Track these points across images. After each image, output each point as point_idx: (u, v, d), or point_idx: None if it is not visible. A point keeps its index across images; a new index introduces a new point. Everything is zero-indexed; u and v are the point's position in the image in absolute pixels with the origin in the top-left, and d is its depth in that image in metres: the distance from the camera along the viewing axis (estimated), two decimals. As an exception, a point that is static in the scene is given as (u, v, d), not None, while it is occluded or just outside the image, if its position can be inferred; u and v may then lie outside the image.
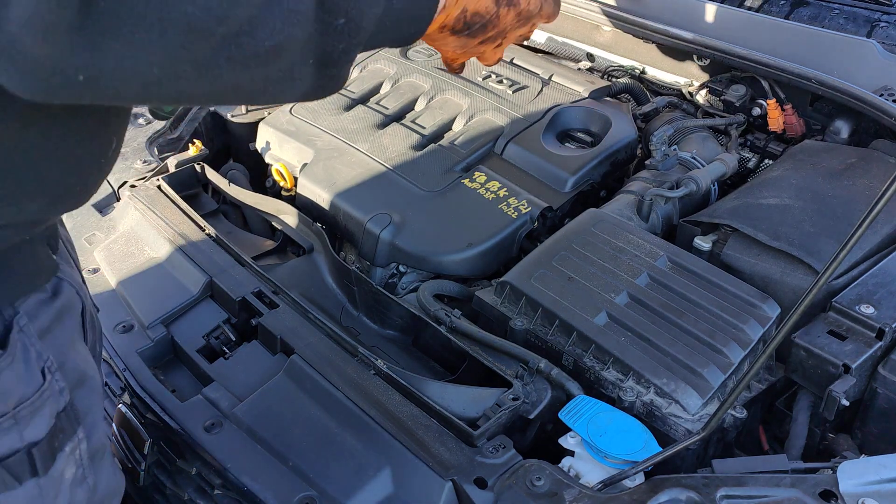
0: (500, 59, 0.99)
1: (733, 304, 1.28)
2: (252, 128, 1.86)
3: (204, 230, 1.47)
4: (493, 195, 1.57)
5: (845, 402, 1.12)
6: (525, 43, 2.24)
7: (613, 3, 1.99)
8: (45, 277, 0.80)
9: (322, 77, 0.66)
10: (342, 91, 1.87)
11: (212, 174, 1.71)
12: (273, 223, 1.65)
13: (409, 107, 1.83)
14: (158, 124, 1.81)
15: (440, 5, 0.81)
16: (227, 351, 1.27)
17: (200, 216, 1.51)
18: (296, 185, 1.68)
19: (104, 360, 1.25)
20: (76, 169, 0.74)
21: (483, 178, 1.61)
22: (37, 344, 0.78)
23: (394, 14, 0.71)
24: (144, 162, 1.70)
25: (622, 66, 2.04)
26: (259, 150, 1.81)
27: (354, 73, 1.96)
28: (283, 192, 1.73)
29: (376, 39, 0.72)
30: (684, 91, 1.95)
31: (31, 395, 0.77)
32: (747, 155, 1.83)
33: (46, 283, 0.80)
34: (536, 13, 0.94)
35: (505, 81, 1.88)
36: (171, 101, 0.61)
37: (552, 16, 0.98)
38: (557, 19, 2.13)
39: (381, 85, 1.91)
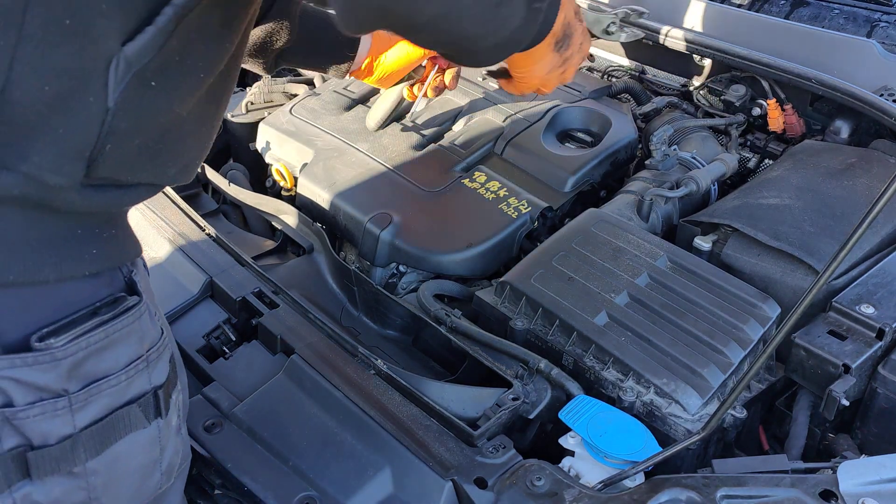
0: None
1: (733, 304, 1.28)
2: (252, 128, 1.86)
3: (204, 230, 1.47)
4: (493, 195, 1.57)
5: (845, 402, 1.12)
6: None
7: (614, 4, 1.99)
8: (140, 244, 0.88)
9: (529, 11, 0.82)
10: (342, 91, 1.87)
11: (212, 174, 1.71)
12: (273, 223, 1.65)
13: (409, 107, 1.83)
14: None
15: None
16: (227, 351, 1.27)
17: (200, 216, 1.51)
18: (296, 185, 1.68)
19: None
20: (206, 143, 0.87)
21: (483, 178, 1.61)
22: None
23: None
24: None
25: (622, 66, 2.04)
26: (259, 150, 1.81)
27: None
28: (283, 192, 1.73)
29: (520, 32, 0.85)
30: (684, 91, 1.95)
31: (158, 341, 0.86)
32: (747, 155, 1.83)
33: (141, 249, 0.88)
34: (585, 42, 1.08)
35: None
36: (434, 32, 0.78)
37: (586, 54, 1.12)
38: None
39: (381, 85, 1.91)
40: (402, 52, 1.46)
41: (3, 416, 0.74)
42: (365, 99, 1.87)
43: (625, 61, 2.04)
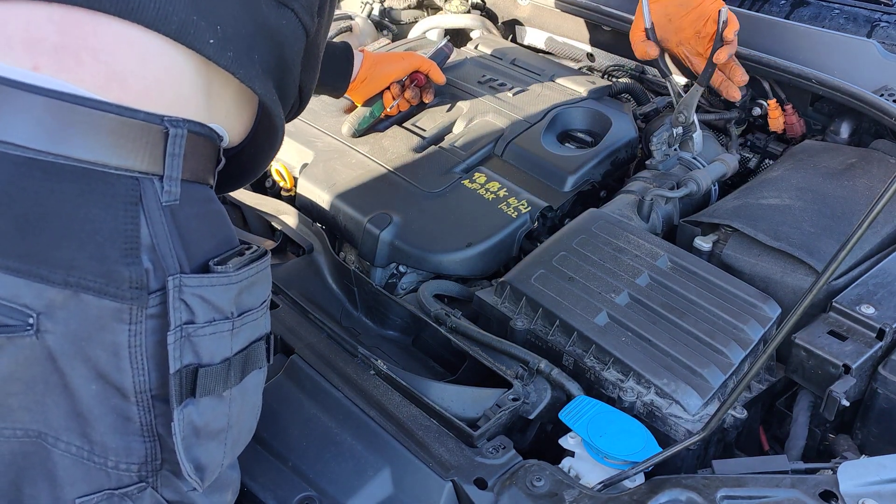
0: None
1: (734, 305, 1.28)
2: (252, 128, 1.85)
3: (204, 230, 1.47)
4: (492, 195, 1.57)
5: (845, 403, 1.12)
6: (525, 43, 2.25)
7: (613, 3, 1.99)
8: None
9: None
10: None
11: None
12: (273, 223, 1.65)
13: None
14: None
15: None
16: (226, 351, 1.27)
17: (200, 216, 1.51)
18: (295, 186, 1.68)
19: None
20: (313, 86, 1.11)
21: (483, 179, 1.61)
22: None
23: None
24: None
25: (622, 66, 2.04)
26: (259, 151, 1.81)
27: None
28: (283, 193, 1.73)
29: None
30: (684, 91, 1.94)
31: (267, 295, 0.93)
32: (747, 155, 1.83)
33: None
34: None
35: (505, 83, 1.88)
36: None
37: None
38: (557, 19, 2.15)
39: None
40: (386, 72, 1.71)
41: (185, 333, 0.81)
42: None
43: (625, 61, 2.04)
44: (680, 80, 1.98)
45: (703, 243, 1.44)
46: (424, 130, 1.75)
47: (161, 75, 0.80)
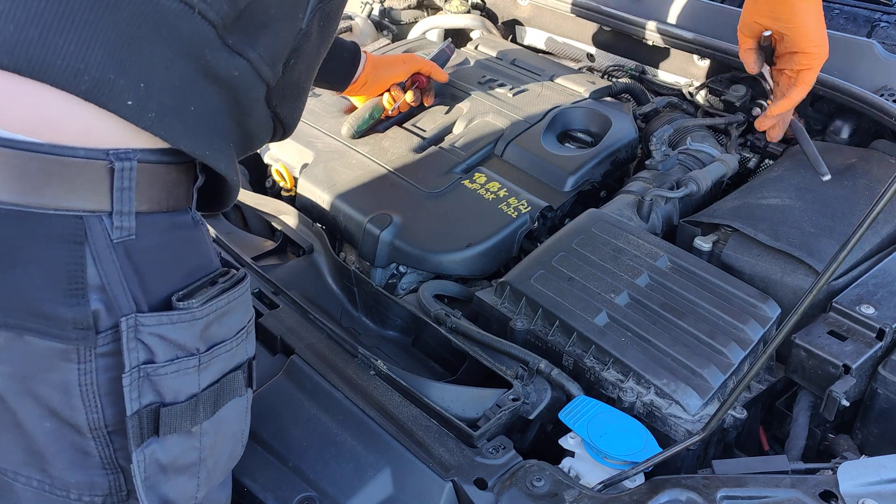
0: None
1: (733, 305, 1.28)
2: (252, 128, 1.85)
3: (204, 231, 1.47)
4: (492, 195, 1.57)
5: (845, 403, 1.12)
6: (525, 43, 2.25)
7: (613, 3, 1.99)
8: None
9: None
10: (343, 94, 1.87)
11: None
12: (273, 223, 1.65)
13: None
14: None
15: None
16: (227, 351, 1.27)
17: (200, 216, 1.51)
18: (295, 186, 1.68)
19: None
20: (303, 107, 1.01)
21: (483, 179, 1.61)
22: None
23: None
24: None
25: (622, 66, 2.04)
26: (259, 151, 1.81)
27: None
28: (283, 193, 1.73)
29: None
30: (684, 91, 1.95)
31: (252, 315, 0.92)
32: (747, 155, 1.83)
33: None
34: None
35: (506, 84, 1.88)
36: None
37: None
38: (557, 19, 2.15)
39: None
40: (385, 76, 1.71)
41: (144, 373, 0.78)
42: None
43: (625, 61, 2.04)
44: (680, 80, 1.98)
45: (703, 243, 1.44)
46: (424, 131, 1.76)
47: (97, 116, 0.73)
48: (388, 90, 1.74)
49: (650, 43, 1.95)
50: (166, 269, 0.81)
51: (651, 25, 1.89)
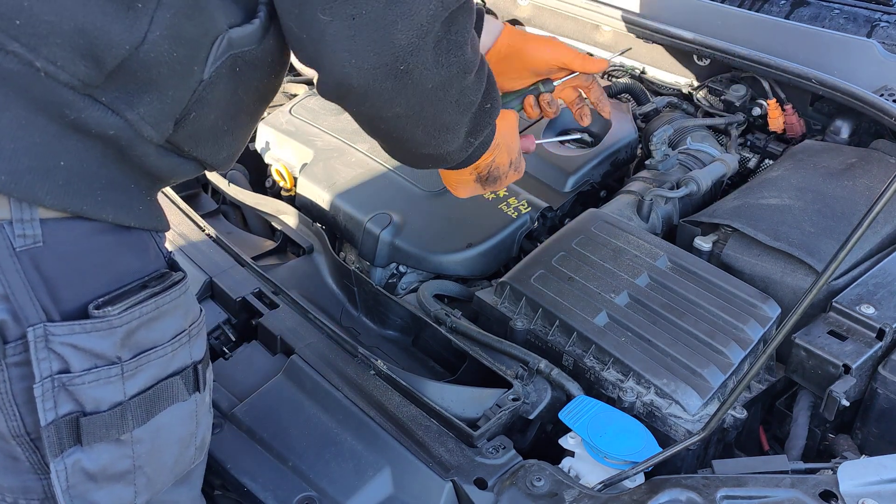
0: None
1: (733, 305, 1.28)
2: (252, 128, 1.85)
3: (204, 230, 1.47)
4: (493, 195, 1.57)
5: (845, 403, 1.12)
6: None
7: (613, 3, 1.99)
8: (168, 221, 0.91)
9: (464, 143, 0.98)
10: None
11: (211, 174, 1.71)
12: (273, 223, 1.65)
13: None
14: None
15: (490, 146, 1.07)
16: (226, 351, 1.27)
17: (200, 216, 1.51)
18: (295, 186, 1.68)
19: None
20: (247, 138, 0.94)
21: (483, 179, 1.60)
22: None
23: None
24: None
25: (622, 66, 2.04)
26: (259, 151, 1.81)
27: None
28: (283, 193, 1.73)
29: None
30: (684, 91, 1.95)
31: (198, 318, 0.90)
32: (747, 155, 1.83)
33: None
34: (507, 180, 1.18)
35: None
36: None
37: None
38: (557, 19, 2.14)
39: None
40: (538, 57, 1.25)
41: (59, 382, 0.77)
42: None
43: (625, 61, 2.04)
44: (680, 80, 1.98)
45: (703, 243, 1.44)
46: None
47: None
48: (531, 90, 1.26)
49: (650, 43, 1.95)
50: (85, 275, 0.79)
51: (651, 25, 1.89)
